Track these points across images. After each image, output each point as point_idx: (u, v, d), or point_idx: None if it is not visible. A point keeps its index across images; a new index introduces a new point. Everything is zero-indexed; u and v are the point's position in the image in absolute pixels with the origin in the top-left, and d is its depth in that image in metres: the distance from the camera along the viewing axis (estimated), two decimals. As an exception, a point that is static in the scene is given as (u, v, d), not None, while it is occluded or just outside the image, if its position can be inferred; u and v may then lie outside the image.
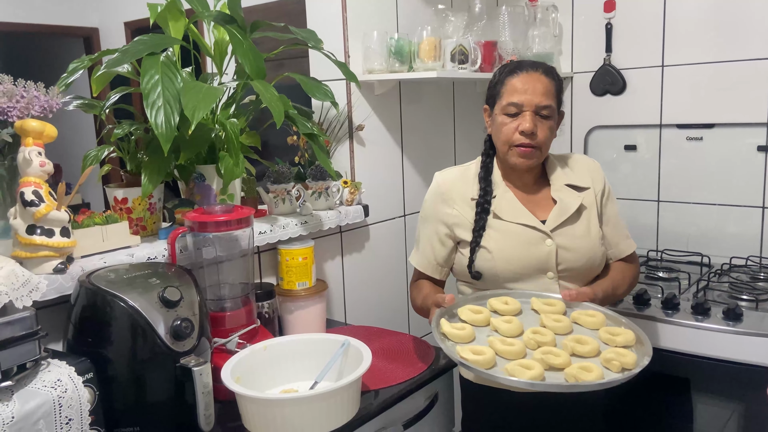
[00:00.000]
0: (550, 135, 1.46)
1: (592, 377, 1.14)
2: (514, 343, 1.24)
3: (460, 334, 1.27)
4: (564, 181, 1.52)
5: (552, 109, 1.44)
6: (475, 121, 2.44)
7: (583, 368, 1.16)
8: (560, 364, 1.18)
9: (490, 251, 1.45)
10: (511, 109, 1.43)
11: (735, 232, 2.14)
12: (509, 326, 1.30)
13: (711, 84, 2.11)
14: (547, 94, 1.43)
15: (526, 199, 1.51)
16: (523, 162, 1.45)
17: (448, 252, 1.53)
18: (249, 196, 1.71)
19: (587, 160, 1.58)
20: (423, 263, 1.57)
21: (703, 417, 1.76)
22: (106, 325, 1.12)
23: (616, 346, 1.25)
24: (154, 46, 1.38)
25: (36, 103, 1.24)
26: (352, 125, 1.93)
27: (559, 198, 1.49)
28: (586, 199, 1.50)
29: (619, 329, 1.30)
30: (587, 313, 1.36)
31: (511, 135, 1.44)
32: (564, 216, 1.47)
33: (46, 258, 1.21)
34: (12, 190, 1.26)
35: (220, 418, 1.21)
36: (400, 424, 1.35)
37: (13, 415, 0.92)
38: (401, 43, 1.88)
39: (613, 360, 1.18)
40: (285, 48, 1.65)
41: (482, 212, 1.48)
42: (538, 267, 1.45)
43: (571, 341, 1.25)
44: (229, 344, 1.35)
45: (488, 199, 1.48)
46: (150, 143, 1.47)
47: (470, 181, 1.53)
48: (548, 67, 1.48)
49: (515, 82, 1.44)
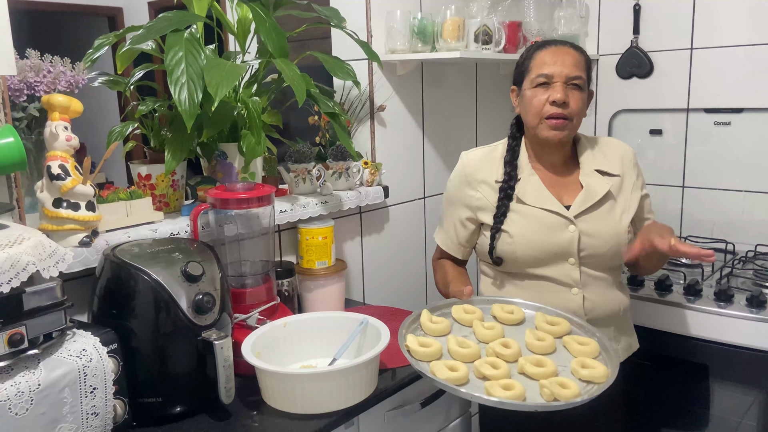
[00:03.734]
0: (582, 106, 1.43)
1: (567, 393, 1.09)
2: (470, 346, 1.22)
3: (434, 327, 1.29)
4: (594, 165, 1.48)
5: (583, 80, 1.41)
6: (497, 104, 2.41)
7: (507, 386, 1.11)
8: (491, 375, 1.13)
9: (512, 235, 1.44)
10: (541, 80, 1.41)
11: (761, 219, 2.10)
12: (486, 332, 1.28)
13: (741, 68, 2.06)
14: (577, 65, 1.41)
15: (553, 182, 1.48)
16: (556, 134, 1.41)
17: (469, 234, 1.54)
18: (270, 175, 1.72)
19: (621, 146, 1.54)
20: (446, 242, 1.58)
21: (723, 404, 1.74)
22: (130, 298, 1.14)
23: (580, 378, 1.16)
24: (178, 23, 1.38)
25: (62, 78, 1.26)
26: (374, 106, 1.92)
27: (586, 183, 1.46)
28: (615, 185, 1.47)
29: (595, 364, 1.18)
30: (581, 340, 1.27)
31: (542, 107, 1.41)
32: (590, 202, 1.44)
33: (71, 231, 1.23)
34: (39, 164, 1.28)
35: (240, 391, 1.23)
36: (418, 403, 1.36)
37: (40, 383, 0.94)
38: (424, 22, 1.86)
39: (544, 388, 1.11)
40: (308, 27, 1.65)
41: (505, 198, 1.46)
42: (559, 253, 1.43)
43: (527, 361, 1.18)
44: (249, 320, 1.37)
45: (512, 185, 1.46)
46: (173, 120, 1.49)
47: (496, 162, 1.51)
48: (576, 45, 1.47)
49: (544, 55, 1.43)
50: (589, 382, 1.15)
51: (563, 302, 1.42)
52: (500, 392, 1.08)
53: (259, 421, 1.16)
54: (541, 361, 1.19)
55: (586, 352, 1.23)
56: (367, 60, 1.84)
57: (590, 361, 1.19)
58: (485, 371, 1.14)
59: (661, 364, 1.21)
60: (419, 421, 1.39)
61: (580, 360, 1.19)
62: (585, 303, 1.44)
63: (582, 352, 1.23)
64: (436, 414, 1.43)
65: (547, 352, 1.24)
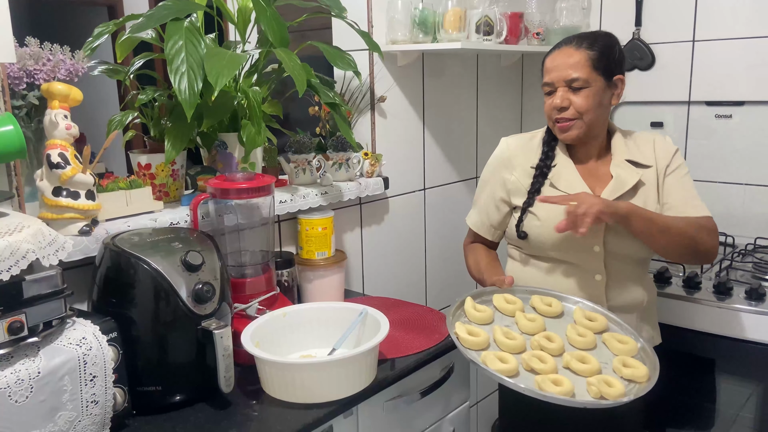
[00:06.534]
0: (591, 102, 1.43)
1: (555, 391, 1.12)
2: (515, 338, 1.25)
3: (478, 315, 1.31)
4: (625, 156, 1.50)
5: (583, 80, 1.42)
6: (498, 95, 2.41)
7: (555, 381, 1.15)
8: (539, 369, 1.18)
9: (540, 219, 1.47)
10: (546, 89, 1.48)
11: (761, 212, 2.10)
12: (528, 324, 1.31)
13: (743, 60, 2.06)
14: (575, 66, 1.42)
15: (586, 173, 1.51)
16: (566, 135, 1.47)
17: (502, 216, 1.58)
18: (270, 165, 1.72)
19: (656, 137, 1.54)
20: (477, 224, 1.62)
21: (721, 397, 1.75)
22: (129, 287, 1.14)
23: (622, 377, 1.19)
24: (178, 12, 1.37)
25: (62, 67, 1.26)
26: (374, 96, 1.91)
27: (616, 173, 1.48)
28: (646, 176, 1.48)
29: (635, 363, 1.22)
30: (619, 337, 1.30)
31: (550, 112, 1.48)
32: (619, 192, 1.45)
33: (71, 220, 1.23)
34: (38, 152, 1.28)
35: (240, 381, 1.23)
36: (417, 393, 1.36)
37: (39, 371, 0.94)
38: (426, 13, 1.85)
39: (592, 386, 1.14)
40: (308, 16, 1.64)
41: (540, 176, 1.50)
42: (584, 240, 1.43)
43: (571, 356, 1.22)
44: (249, 310, 1.37)
45: (548, 164, 1.51)
46: (173, 110, 1.48)
47: (534, 149, 1.55)
48: (583, 38, 1.46)
49: (547, 62, 1.48)
50: (630, 381, 1.18)
51: (586, 287, 1.46)
52: (552, 387, 1.13)
53: (258, 410, 1.17)
54: (584, 358, 1.23)
55: (625, 351, 1.26)
56: (367, 50, 1.83)
57: (631, 360, 1.23)
58: (534, 365, 1.18)
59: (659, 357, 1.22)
60: (418, 411, 1.39)
61: (621, 359, 1.23)
62: (607, 290, 1.46)
63: (622, 351, 1.26)
64: (435, 404, 1.44)
65: (589, 348, 1.28)
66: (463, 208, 1.79)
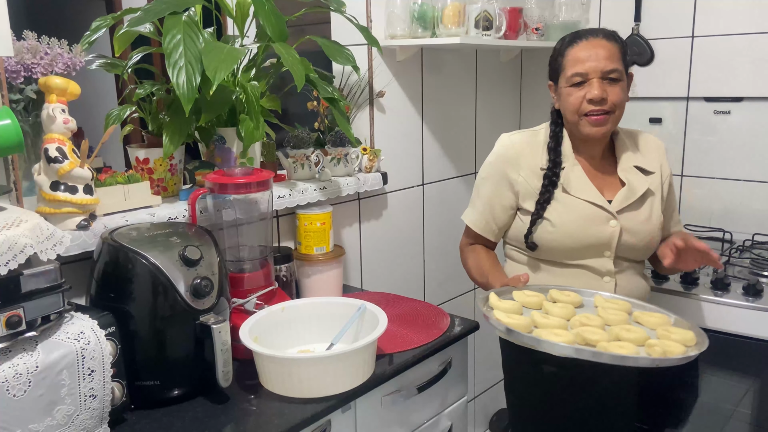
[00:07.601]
0: (623, 96, 1.41)
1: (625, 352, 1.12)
2: (556, 318, 1.25)
3: (506, 305, 1.30)
4: (633, 162, 1.49)
5: (620, 72, 1.39)
6: (497, 91, 2.41)
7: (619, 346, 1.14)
8: (595, 341, 1.16)
9: (554, 224, 1.44)
10: (576, 79, 1.40)
11: (759, 208, 2.10)
12: (560, 309, 1.30)
13: (742, 56, 2.05)
14: (611, 57, 1.38)
15: (592, 174, 1.49)
16: (597, 130, 1.41)
17: (508, 218, 1.53)
18: (268, 160, 1.72)
19: (656, 142, 1.55)
20: (479, 224, 1.56)
21: (718, 392, 1.75)
22: (127, 282, 1.14)
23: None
24: (177, 6, 1.37)
25: (60, 60, 1.25)
26: (373, 91, 1.91)
27: (627, 180, 1.47)
28: (653, 183, 1.48)
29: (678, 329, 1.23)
30: (650, 314, 1.31)
31: (580, 105, 1.40)
32: (631, 199, 1.45)
33: (69, 214, 1.22)
34: (36, 146, 1.27)
35: (238, 376, 1.23)
36: (414, 387, 1.37)
37: (38, 365, 0.94)
38: (425, 8, 1.85)
39: (655, 346, 1.14)
40: (307, 11, 1.64)
41: (549, 185, 1.45)
42: (597, 246, 1.44)
43: (618, 328, 1.22)
44: (247, 305, 1.37)
45: (557, 172, 1.45)
46: (171, 104, 1.48)
47: (539, 148, 1.49)
48: (609, 32, 1.44)
49: (576, 52, 1.40)
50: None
51: (595, 289, 1.44)
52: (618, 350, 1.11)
53: (256, 405, 1.17)
54: (629, 329, 1.22)
55: (662, 322, 1.27)
56: (366, 45, 1.83)
57: (672, 328, 1.23)
58: (588, 335, 1.17)
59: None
60: (416, 405, 1.39)
61: (664, 327, 1.24)
62: (616, 290, 1.46)
63: (658, 323, 1.27)
64: (433, 399, 1.44)
65: (625, 324, 1.27)
66: (461, 204, 1.79)
